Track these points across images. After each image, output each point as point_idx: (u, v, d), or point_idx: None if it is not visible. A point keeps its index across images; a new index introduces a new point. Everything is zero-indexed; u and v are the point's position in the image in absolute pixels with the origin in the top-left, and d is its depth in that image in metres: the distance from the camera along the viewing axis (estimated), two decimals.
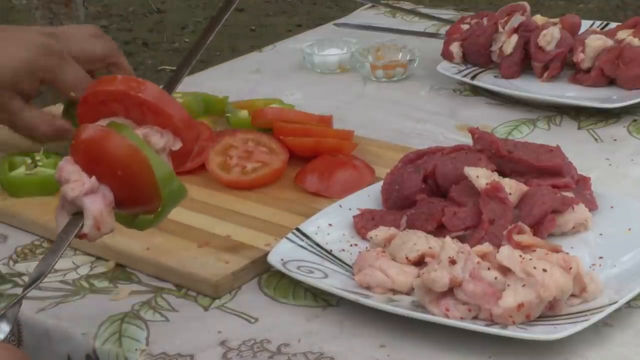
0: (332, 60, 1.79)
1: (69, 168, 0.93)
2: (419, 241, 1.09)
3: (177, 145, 0.96)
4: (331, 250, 1.16)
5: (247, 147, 1.36)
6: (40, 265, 0.92)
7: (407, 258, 1.08)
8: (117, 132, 0.92)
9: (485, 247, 1.05)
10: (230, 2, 1.18)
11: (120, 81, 0.94)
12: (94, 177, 0.91)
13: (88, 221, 0.91)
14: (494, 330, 0.99)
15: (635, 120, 1.52)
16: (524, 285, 0.99)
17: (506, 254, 1.01)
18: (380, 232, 1.14)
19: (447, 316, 1.01)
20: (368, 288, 1.07)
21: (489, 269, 1.01)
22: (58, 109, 1.63)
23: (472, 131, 1.26)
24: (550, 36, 1.64)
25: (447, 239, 1.05)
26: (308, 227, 1.18)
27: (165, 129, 0.95)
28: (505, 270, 1.01)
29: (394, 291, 1.07)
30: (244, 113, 1.50)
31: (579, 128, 1.52)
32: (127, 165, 0.91)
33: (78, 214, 0.92)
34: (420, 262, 1.08)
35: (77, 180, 0.91)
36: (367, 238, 1.16)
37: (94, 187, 0.91)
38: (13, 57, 1.27)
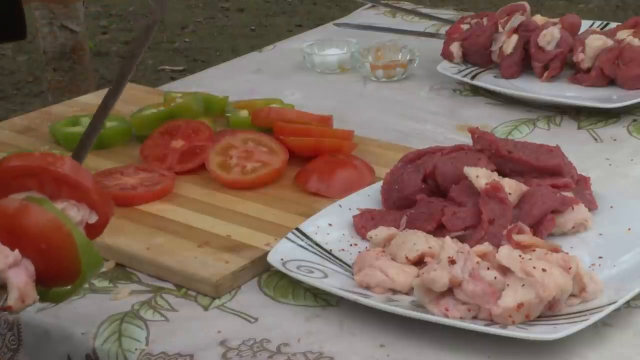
0: (332, 60, 1.80)
1: None
2: (418, 241, 1.09)
3: (94, 219, 0.96)
4: (331, 250, 1.16)
5: (247, 147, 1.36)
6: None
7: (406, 258, 1.08)
8: (38, 205, 0.92)
9: (485, 247, 1.05)
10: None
11: (38, 156, 0.95)
12: (17, 250, 0.91)
13: (13, 294, 0.90)
14: (494, 330, 0.99)
15: (635, 120, 1.52)
16: (523, 285, 0.99)
17: (506, 254, 1.01)
18: (380, 232, 1.14)
19: (446, 316, 1.01)
20: (368, 288, 1.07)
21: (488, 268, 1.01)
22: (58, 108, 1.64)
23: (472, 131, 1.26)
24: (550, 36, 1.64)
25: (447, 238, 1.06)
26: (308, 227, 1.18)
27: (81, 203, 0.95)
28: (504, 270, 1.01)
29: (394, 291, 1.07)
30: (244, 113, 1.50)
31: (579, 128, 1.52)
32: (50, 238, 0.91)
33: (1, 287, 0.91)
34: (420, 262, 1.08)
35: None
36: (367, 238, 1.16)
37: (17, 260, 0.91)
38: None
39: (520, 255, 1.01)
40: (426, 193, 1.21)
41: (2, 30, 1.18)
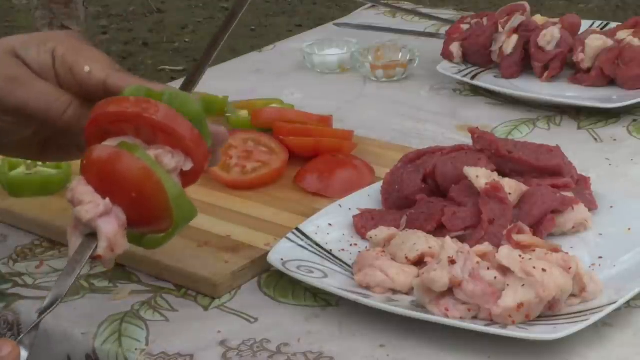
0: (332, 60, 1.79)
1: (82, 189, 0.92)
2: (418, 241, 1.09)
3: (189, 166, 0.95)
4: (331, 250, 1.16)
5: (247, 147, 1.36)
6: (55, 288, 0.91)
7: (406, 258, 1.08)
8: (129, 152, 0.91)
9: (485, 247, 1.05)
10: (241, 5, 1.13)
11: (132, 102, 0.93)
12: (107, 199, 0.91)
13: (102, 243, 0.91)
14: (494, 330, 0.99)
15: (635, 120, 1.52)
16: (523, 285, 0.99)
17: (506, 254, 1.01)
18: (380, 232, 1.14)
19: (446, 316, 1.01)
20: (368, 288, 1.07)
21: (488, 268, 1.01)
22: None
23: (472, 131, 1.25)
24: (550, 36, 1.64)
25: (447, 239, 1.05)
26: (308, 227, 1.18)
27: (177, 149, 0.94)
28: (504, 270, 1.01)
29: (394, 291, 1.07)
30: (244, 113, 1.50)
31: (579, 128, 1.52)
32: (141, 186, 0.91)
33: (91, 235, 0.91)
34: (420, 262, 1.08)
35: (91, 202, 0.90)
36: (367, 238, 1.16)
37: (108, 209, 0.91)
38: None
39: (520, 255, 1.01)
40: (426, 193, 1.21)
41: None
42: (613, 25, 1.77)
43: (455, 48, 1.72)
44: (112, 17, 5.45)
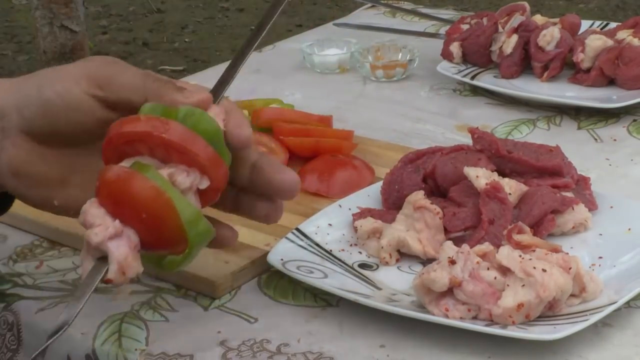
0: (332, 60, 1.80)
1: (93, 211, 0.90)
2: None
3: (205, 184, 0.93)
4: (331, 250, 1.16)
5: None
6: (65, 314, 0.89)
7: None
8: (140, 173, 0.89)
9: (485, 247, 1.05)
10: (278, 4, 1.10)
11: (144, 121, 0.91)
12: (117, 221, 0.89)
13: (112, 267, 0.89)
14: (494, 330, 0.99)
15: (635, 120, 1.52)
16: (523, 285, 0.99)
17: (506, 254, 1.01)
18: (366, 222, 1.15)
19: (446, 316, 1.01)
20: None
21: (488, 269, 1.01)
22: None
23: (472, 131, 1.25)
24: (550, 36, 1.64)
25: (448, 242, 1.05)
26: (308, 227, 1.18)
27: (192, 167, 0.92)
28: (504, 270, 1.01)
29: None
30: (244, 113, 1.50)
31: (579, 128, 1.52)
32: (151, 208, 0.89)
33: (103, 258, 0.90)
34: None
35: (100, 225, 0.89)
36: (354, 227, 1.16)
37: (118, 231, 0.89)
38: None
39: (520, 256, 1.01)
40: (426, 193, 1.21)
41: None
42: (613, 25, 1.77)
43: (455, 48, 1.72)
44: (112, 17, 5.45)
